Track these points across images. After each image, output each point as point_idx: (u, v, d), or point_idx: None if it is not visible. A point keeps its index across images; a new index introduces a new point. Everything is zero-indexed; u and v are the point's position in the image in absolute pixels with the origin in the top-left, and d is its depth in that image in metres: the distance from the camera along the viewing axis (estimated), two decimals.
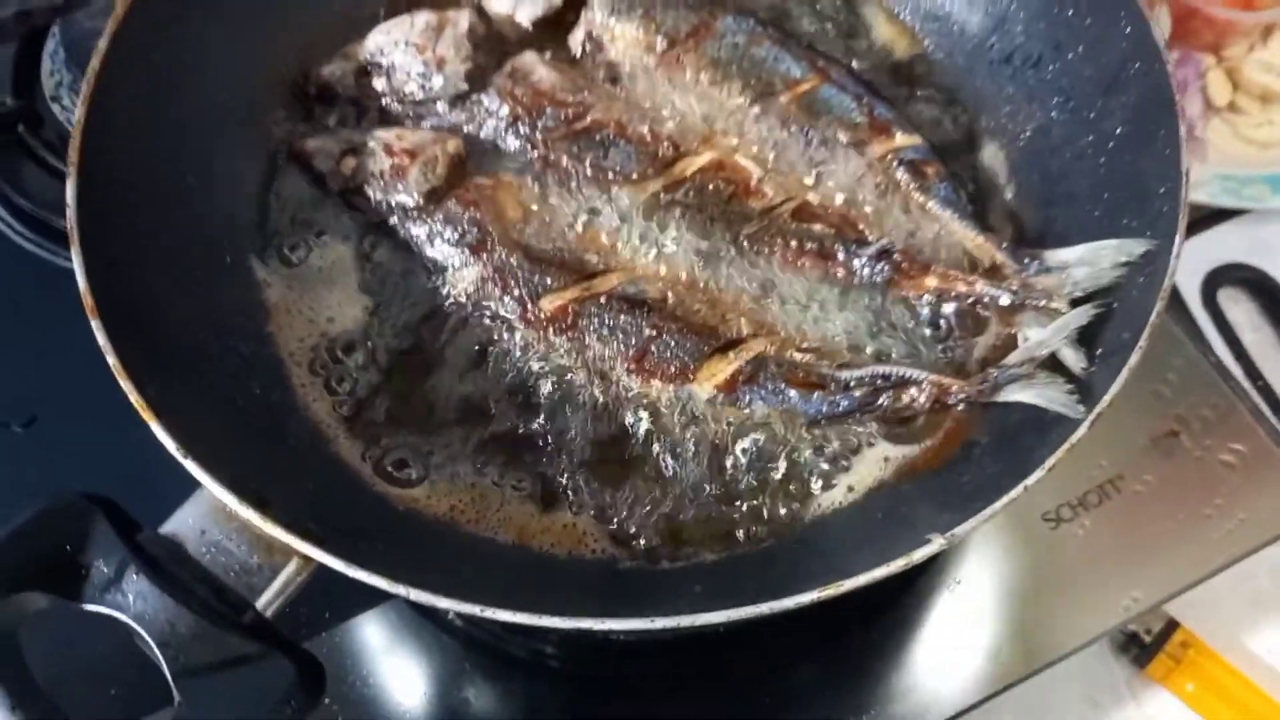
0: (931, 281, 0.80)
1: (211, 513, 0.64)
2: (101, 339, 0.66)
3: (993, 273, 0.80)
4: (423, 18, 0.90)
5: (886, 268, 0.81)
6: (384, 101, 0.90)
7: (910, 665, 0.90)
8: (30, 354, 0.85)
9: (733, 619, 0.60)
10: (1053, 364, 0.75)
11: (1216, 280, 1.18)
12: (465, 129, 0.89)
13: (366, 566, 0.60)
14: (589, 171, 0.85)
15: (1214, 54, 1.26)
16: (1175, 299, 1.14)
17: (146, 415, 0.63)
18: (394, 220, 0.85)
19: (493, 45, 0.92)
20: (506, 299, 0.81)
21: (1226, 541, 0.94)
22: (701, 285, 0.81)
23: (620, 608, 0.63)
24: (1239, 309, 1.17)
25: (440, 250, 0.83)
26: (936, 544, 0.62)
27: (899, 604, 0.91)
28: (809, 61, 0.90)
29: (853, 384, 0.76)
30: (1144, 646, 1.00)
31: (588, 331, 0.79)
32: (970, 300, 0.80)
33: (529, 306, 0.80)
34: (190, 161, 0.82)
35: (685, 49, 0.90)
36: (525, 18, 0.93)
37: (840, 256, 0.82)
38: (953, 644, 0.91)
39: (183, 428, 0.64)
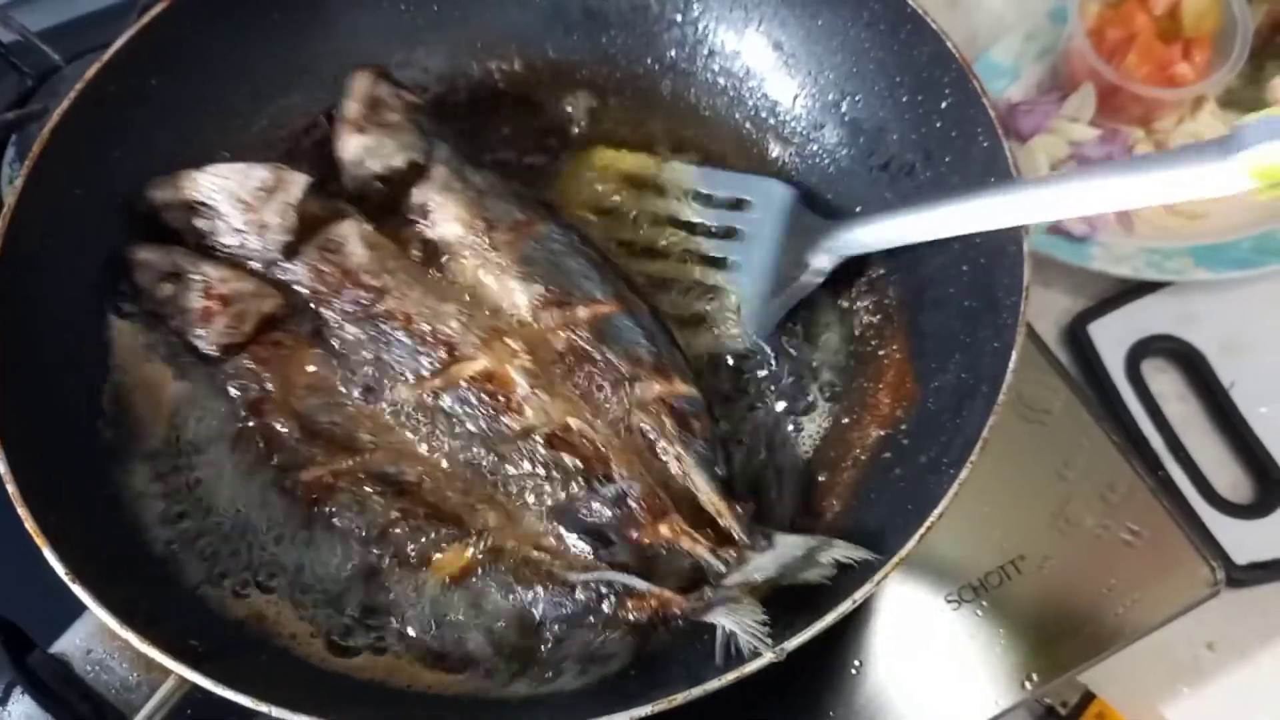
0: (664, 531, 0.79)
1: (98, 632, 0.69)
2: (1, 467, 0.71)
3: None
4: (259, 174, 0.90)
5: (620, 511, 0.80)
6: (203, 242, 0.91)
7: None
8: None
9: None
10: None
11: (1141, 351, 1.19)
12: (279, 279, 0.90)
13: (232, 685, 0.65)
14: (372, 361, 0.87)
15: (1143, 126, 1.29)
16: (1097, 372, 1.17)
17: (40, 540, 0.69)
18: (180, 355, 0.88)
19: (328, 196, 0.93)
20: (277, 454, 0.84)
21: (1123, 620, 0.97)
22: (459, 476, 0.84)
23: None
24: (1164, 379, 1.19)
25: (219, 395, 0.86)
26: (767, 657, 0.67)
27: (795, 692, 0.94)
28: (615, 288, 0.91)
29: (578, 587, 0.78)
30: (1061, 719, 1.03)
31: (334, 507, 0.82)
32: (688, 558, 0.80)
33: (286, 474, 0.83)
34: (98, 280, 0.87)
35: (503, 240, 0.91)
36: (371, 169, 0.95)
37: (580, 493, 0.82)
38: None
39: (75, 552, 0.69)
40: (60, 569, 0.68)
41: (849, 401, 0.88)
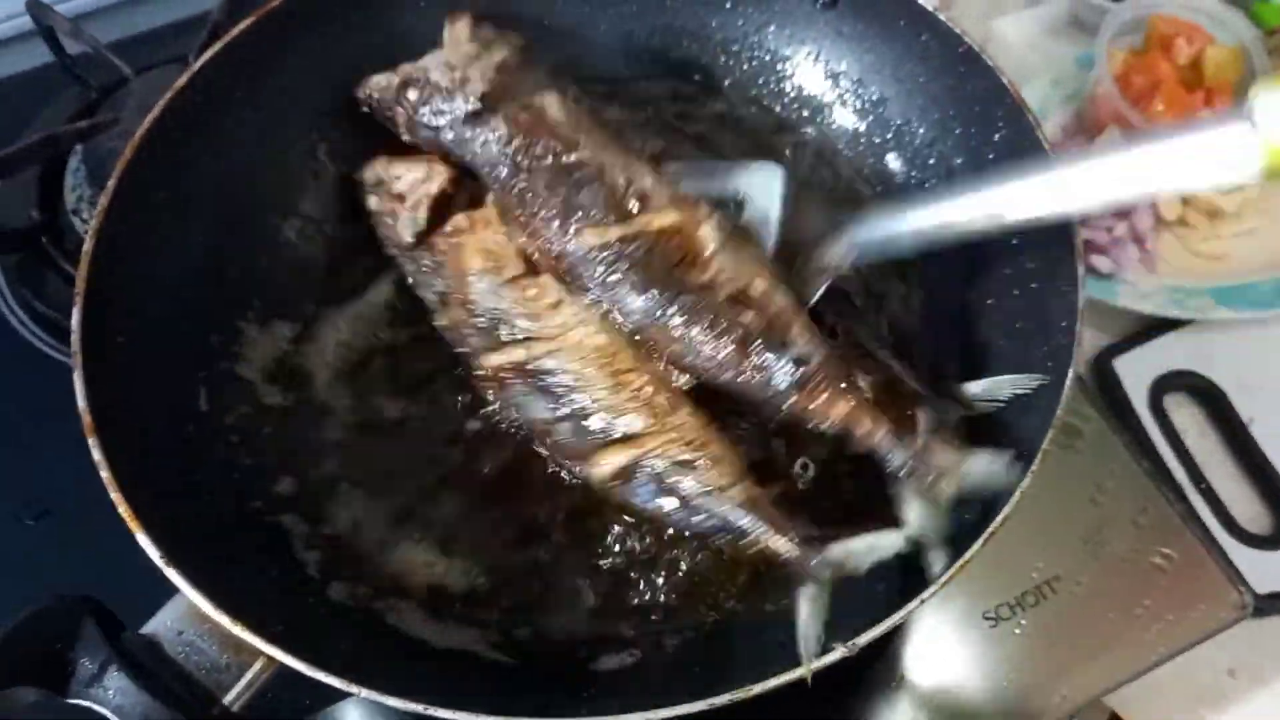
0: (840, 409, 0.79)
1: (188, 615, 0.71)
2: (97, 455, 0.73)
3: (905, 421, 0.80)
4: (469, 47, 0.94)
5: (796, 378, 0.79)
6: (414, 113, 0.94)
7: None
8: (49, 452, 0.92)
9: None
10: None
11: (1163, 386, 1.22)
12: (466, 147, 0.92)
13: (324, 667, 0.67)
14: (559, 205, 0.87)
15: None
16: (1122, 405, 1.20)
17: (134, 526, 0.71)
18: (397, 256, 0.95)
19: (522, 76, 0.94)
20: (462, 349, 0.90)
21: (1155, 642, 1.00)
22: (616, 365, 0.83)
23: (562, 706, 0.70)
24: (1185, 414, 1.22)
25: (423, 292, 0.93)
26: (839, 652, 0.69)
27: (839, 704, 0.96)
28: None
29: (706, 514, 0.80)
30: None
31: (511, 400, 0.86)
32: (864, 447, 0.79)
33: (476, 360, 0.88)
34: (192, 276, 0.90)
35: None
36: None
37: (757, 354, 0.80)
38: None
39: (167, 537, 0.71)
40: (154, 553, 0.70)
41: None
